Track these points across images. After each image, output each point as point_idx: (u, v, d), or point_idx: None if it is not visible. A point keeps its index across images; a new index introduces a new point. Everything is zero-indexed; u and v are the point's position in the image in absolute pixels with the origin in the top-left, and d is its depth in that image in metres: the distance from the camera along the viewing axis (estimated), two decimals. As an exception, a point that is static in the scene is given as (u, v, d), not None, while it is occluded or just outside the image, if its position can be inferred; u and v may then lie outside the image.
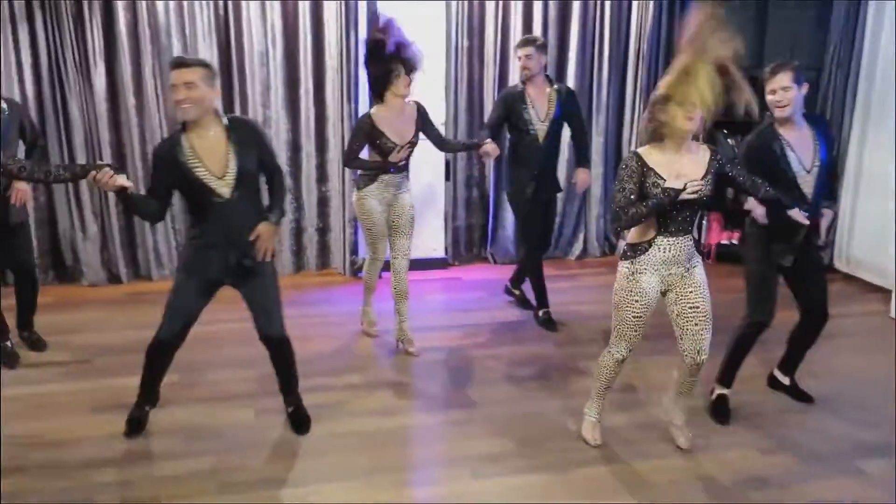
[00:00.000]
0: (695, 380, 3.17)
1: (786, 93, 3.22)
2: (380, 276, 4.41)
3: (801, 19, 5.65)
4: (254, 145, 3.05)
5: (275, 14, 5.23)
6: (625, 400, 3.67)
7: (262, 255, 3.07)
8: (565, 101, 4.45)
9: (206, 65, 2.98)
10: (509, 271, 5.20)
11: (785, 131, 3.32)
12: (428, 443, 3.37)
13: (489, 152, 4.12)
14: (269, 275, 3.19)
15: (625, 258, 3.02)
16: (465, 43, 5.58)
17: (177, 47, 5.12)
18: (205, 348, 4.02)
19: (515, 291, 5.01)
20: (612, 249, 6.22)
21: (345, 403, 3.65)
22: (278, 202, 3.18)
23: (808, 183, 3.32)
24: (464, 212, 5.94)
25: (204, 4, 5.11)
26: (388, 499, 2.93)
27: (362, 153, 4.11)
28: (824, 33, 5.67)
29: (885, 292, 5.17)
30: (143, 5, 4.99)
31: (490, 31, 5.58)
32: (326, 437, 3.35)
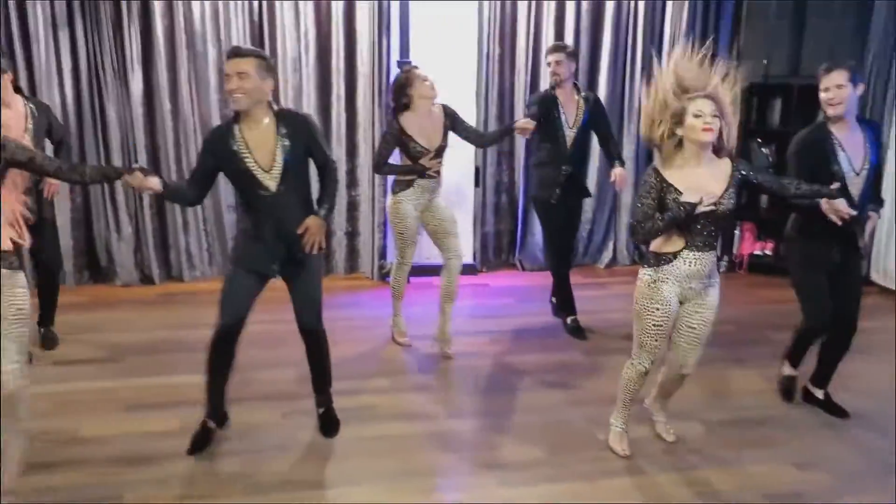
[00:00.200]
0: (678, 386, 3.27)
1: (839, 91, 3.20)
2: (407, 281, 4.42)
3: (838, 29, 5.56)
4: (303, 139, 3.04)
5: (308, 21, 5.29)
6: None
7: (309, 247, 3.05)
8: (592, 108, 4.47)
9: (260, 55, 2.97)
10: (538, 278, 5.18)
11: (837, 130, 3.28)
12: (455, 449, 3.36)
13: (525, 127, 4.17)
14: (316, 268, 3.20)
15: (647, 265, 3.00)
16: (497, 50, 5.59)
17: (212, 53, 5.20)
18: (238, 349, 4.05)
19: (553, 299, 4.99)
20: (642, 258, 6.14)
21: (372, 407, 3.65)
22: (329, 196, 3.14)
23: (857, 185, 3.28)
24: (492, 217, 5.93)
25: (239, 11, 5.18)
26: (414, 504, 2.92)
27: (393, 159, 4.14)
28: (862, 43, 5.58)
29: (922, 307, 5.06)
30: (181, 12, 5.08)
31: (521, 38, 5.59)
32: (354, 440, 3.35)
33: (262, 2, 5.19)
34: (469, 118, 4.43)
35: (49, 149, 4.01)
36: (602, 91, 5.75)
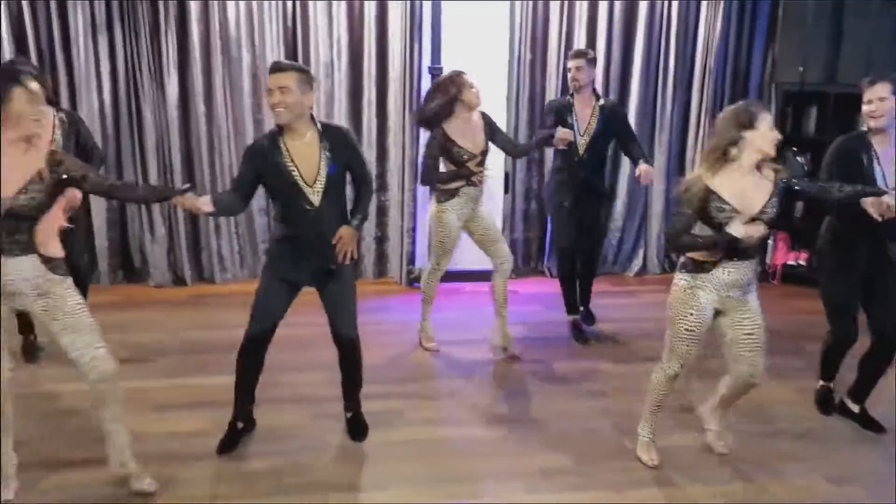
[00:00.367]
0: (742, 396, 3.18)
1: (882, 103, 3.18)
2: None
3: (876, 35, 5.45)
4: (345, 153, 3.06)
5: (341, 27, 5.33)
6: (683, 421, 3.58)
7: (342, 257, 3.08)
8: (608, 116, 4.46)
9: (301, 70, 3.00)
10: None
11: (877, 143, 3.25)
12: (482, 455, 3.35)
13: (564, 138, 4.24)
14: (348, 277, 3.22)
15: (685, 270, 2.97)
16: (528, 55, 5.58)
17: (246, 58, 5.26)
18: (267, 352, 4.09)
19: (581, 308, 4.95)
20: (673, 267, 6.07)
21: (400, 412, 3.66)
22: (362, 207, 3.18)
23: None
24: (521, 224, 5.91)
25: (273, 17, 5.24)
26: (440, 509, 2.92)
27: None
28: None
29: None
30: (216, 17, 5.15)
31: (553, 42, 5.56)
32: (381, 444, 3.36)
33: (296, 8, 5.25)
34: (499, 123, 4.44)
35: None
36: (633, 98, 5.71)
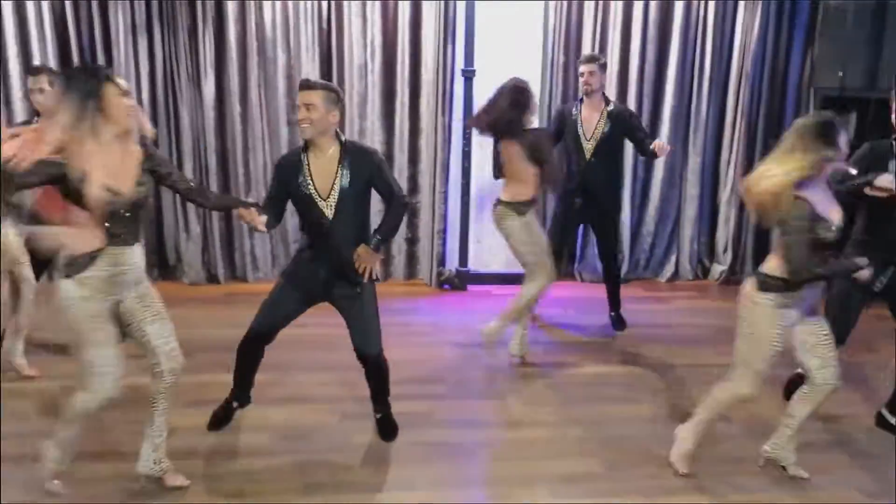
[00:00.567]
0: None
1: None
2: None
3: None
4: (365, 172, 3.09)
5: (375, 28, 5.36)
6: (718, 430, 3.53)
7: (363, 275, 3.13)
8: (615, 120, 4.46)
9: (329, 88, 3.05)
10: (596, 290, 5.11)
11: None
12: (509, 458, 3.34)
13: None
14: (368, 295, 3.23)
15: (769, 290, 2.88)
16: (562, 58, 5.55)
17: (281, 59, 5.32)
18: (297, 350, 4.12)
19: (612, 314, 4.91)
20: (706, 273, 6.02)
21: (428, 413, 3.66)
22: (386, 225, 3.18)
23: None
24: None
25: (308, 18, 5.29)
26: (468, 512, 2.92)
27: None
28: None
29: None
30: (252, 18, 5.22)
31: (587, 45, 5.52)
32: (409, 445, 3.37)
33: (331, 9, 5.29)
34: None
35: None
36: (668, 99, 5.65)
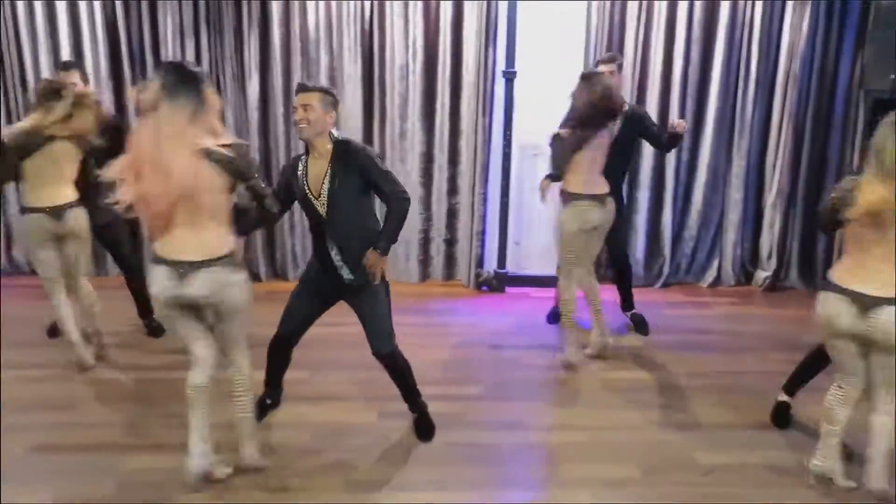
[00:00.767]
0: None
1: None
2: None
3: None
4: (356, 169, 3.11)
5: (416, 29, 5.39)
6: (755, 437, 3.48)
7: (372, 278, 3.17)
8: (629, 119, 4.41)
9: (325, 91, 3.14)
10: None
11: None
12: (547, 461, 3.33)
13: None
14: (379, 294, 3.26)
15: None
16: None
17: (324, 60, 5.39)
18: (336, 348, 4.17)
19: (630, 313, 4.88)
20: (749, 279, 5.91)
21: (463, 414, 3.67)
22: (387, 230, 3.17)
23: None
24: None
25: (351, 20, 5.35)
26: (502, 514, 2.92)
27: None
28: None
29: None
30: (296, 20, 5.30)
31: (630, 46, 5.47)
32: (444, 446, 3.38)
33: (374, 10, 5.34)
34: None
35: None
36: (712, 101, 5.55)
